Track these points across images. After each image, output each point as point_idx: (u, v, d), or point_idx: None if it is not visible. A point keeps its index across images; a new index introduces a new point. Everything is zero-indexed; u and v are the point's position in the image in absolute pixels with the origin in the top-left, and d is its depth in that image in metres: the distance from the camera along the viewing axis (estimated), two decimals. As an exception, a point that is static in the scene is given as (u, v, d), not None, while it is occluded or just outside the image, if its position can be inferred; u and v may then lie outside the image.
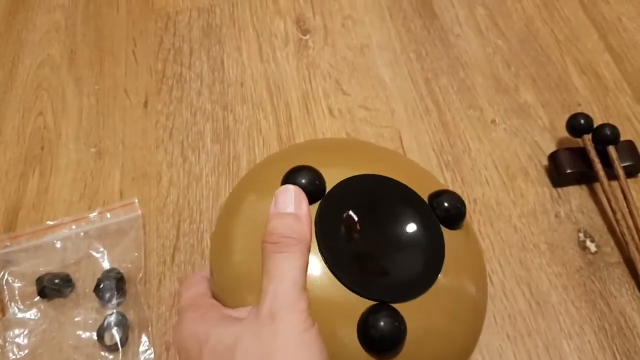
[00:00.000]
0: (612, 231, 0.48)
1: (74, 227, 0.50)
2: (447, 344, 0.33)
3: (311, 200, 0.32)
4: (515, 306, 0.45)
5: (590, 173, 0.49)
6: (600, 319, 0.44)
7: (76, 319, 0.45)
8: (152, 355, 0.44)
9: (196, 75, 0.61)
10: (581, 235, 0.48)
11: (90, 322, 0.45)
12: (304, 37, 0.63)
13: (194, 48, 0.63)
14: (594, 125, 0.50)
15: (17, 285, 0.47)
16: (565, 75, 0.58)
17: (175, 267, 0.48)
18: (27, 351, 0.44)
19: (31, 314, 0.46)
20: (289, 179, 0.33)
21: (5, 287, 0.47)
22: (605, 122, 0.51)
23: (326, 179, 0.34)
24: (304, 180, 0.33)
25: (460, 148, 0.54)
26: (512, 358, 0.43)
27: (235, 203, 0.36)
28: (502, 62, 0.59)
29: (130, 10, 0.67)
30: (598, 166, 0.48)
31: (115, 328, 0.44)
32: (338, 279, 0.31)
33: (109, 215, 0.50)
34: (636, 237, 0.46)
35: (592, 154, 0.49)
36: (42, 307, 0.46)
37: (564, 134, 0.53)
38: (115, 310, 0.45)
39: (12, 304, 0.46)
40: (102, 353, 0.44)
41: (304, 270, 0.29)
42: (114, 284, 0.46)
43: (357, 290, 0.31)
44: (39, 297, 0.46)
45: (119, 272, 0.47)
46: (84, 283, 0.47)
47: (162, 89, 0.60)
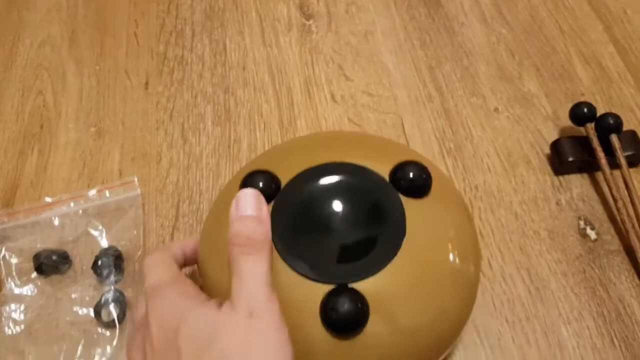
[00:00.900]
0: (612, 219, 0.48)
1: (72, 204, 0.49)
2: (415, 319, 0.33)
3: (268, 200, 0.35)
4: (514, 291, 0.45)
5: (592, 162, 0.49)
6: (599, 305, 0.44)
7: (73, 296, 0.45)
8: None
9: (198, 57, 0.60)
10: (581, 222, 0.48)
11: (87, 298, 0.45)
12: (308, 22, 0.62)
13: (196, 31, 0.63)
14: (597, 114, 0.50)
15: (14, 261, 0.46)
16: (569, 65, 0.58)
17: (174, 246, 0.48)
18: (23, 326, 0.44)
19: (28, 290, 0.45)
20: (247, 183, 0.36)
21: (2, 262, 0.46)
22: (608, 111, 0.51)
23: (283, 177, 0.36)
24: (260, 183, 0.35)
25: (462, 135, 0.53)
26: (511, 342, 0.43)
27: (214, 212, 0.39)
28: (506, 51, 0.59)
29: (133, -8, 0.66)
30: (600, 154, 0.48)
31: (113, 304, 0.44)
32: (294, 269, 0.32)
33: (108, 193, 0.50)
34: (637, 225, 0.46)
35: (595, 143, 0.49)
36: (39, 284, 0.46)
37: (566, 123, 0.53)
38: (113, 287, 0.45)
39: (9, 279, 0.45)
40: (99, 329, 0.44)
41: (270, 271, 0.30)
42: (112, 261, 0.45)
43: (314, 277, 0.32)
44: (36, 273, 0.46)
45: (117, 250, 0.46)
46: (82, 260, 0.47)
47: (163, 70, 0.59)
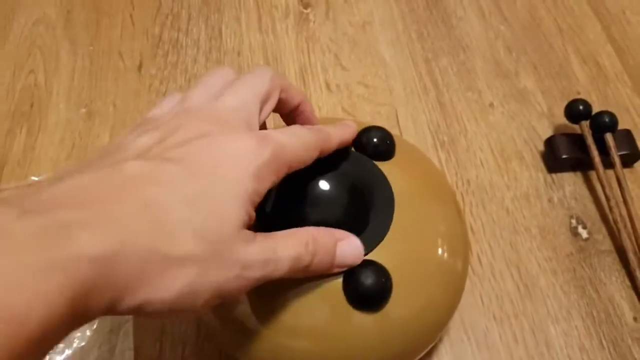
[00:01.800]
0: (604, 219, 0.48)
1: (59, 184, 0.48)
2: (428, 274, 0.33)
3: None
4: (503, 288, 0.44)
5: (586, 160, 0.49)
6: (589, 305, 0.44)
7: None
8: (130, 318, 0.43)
9: (193, 42, 0.60)
10: (573, 221, 0.48)
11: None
12: (305, 11, 0.62)
13: (192, 15, 0.62)
14: (593, 112, 0.50)
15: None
16: (567, 63, 0.57)
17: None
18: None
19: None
20: None
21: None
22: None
23: None
24: None
25: (456, 129, 0.53)
26: (498, 339, 0.42)
27: None
28: (504, 47, 0.59)
29: (129, -27, 0.66)
30: (594, 152, 0.48)
31: (95, 287, 0.43)
32: None
33: (95, 174, 0.49)
34: (629, 225, 0.46)
35: (589, 141, 0.48)
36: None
37: (561, 121, 0.52)
38: (96, 270, 0.44)
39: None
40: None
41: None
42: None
43: None
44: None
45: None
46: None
47: (158, 53, 0.59)
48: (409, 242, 0.32)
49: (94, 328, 0.42)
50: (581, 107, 0.49)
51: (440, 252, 0.33)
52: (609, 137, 0.48)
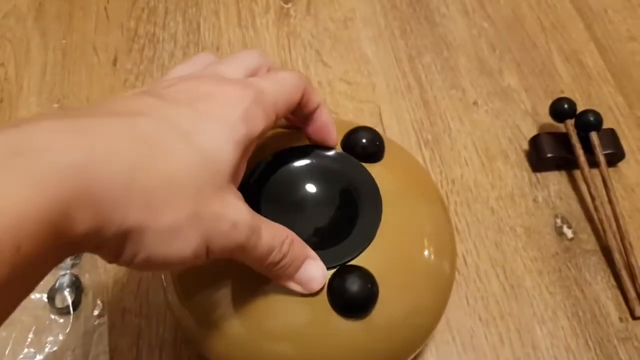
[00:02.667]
0: (589, 218, 0.47)
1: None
2: (415, 278, 0.32)
3: None
4: (489, 288, 0.44)
5: (571, 159, 0.48)
6: (574, 305, 0.43)
7: (26, 279, 0.42)
8: (105, 320, 0.41)
9: (170, 36, 0.58)
10: (558, 221, 0.47)
11: (40, 282, 0.42)
12: (286, 6, 0.60)
13: (169, 9, 0.60)
14: (578, 111, 0.49)
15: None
16: (550, 62, 0.57)
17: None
18: (-30, 310, 0.41)
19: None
20: None
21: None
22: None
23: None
24: None
25: (440, 127, 0.52)
26: (484, 340, 0.41)
27: None
28: (487, 44, 0.58)
29: (104, -35, 0.63)
30: (579, 151, 0.47)
31: (68, 290, 0.42)
32: None
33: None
34: (614, 225, 0.45)
35: (574, 139, 0.48)
36: (-11, 264, 0.43)
37: (545, 119, 0.52)
38: (68, 272, 0.42)
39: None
40: (52, 316, 0.41)
41: None
42: (69, 243, 0.43)
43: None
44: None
45: (76, 232, 0.44)
46: (37, 241, 0.44)
47: (133, 47, 0.57)
48: (396, 247, 0.31)
49: (67, 332, 0.41)
50: (566, 106, 0.49)
51: (428, 256, 0.32)
52: (594, 136, 0.48)
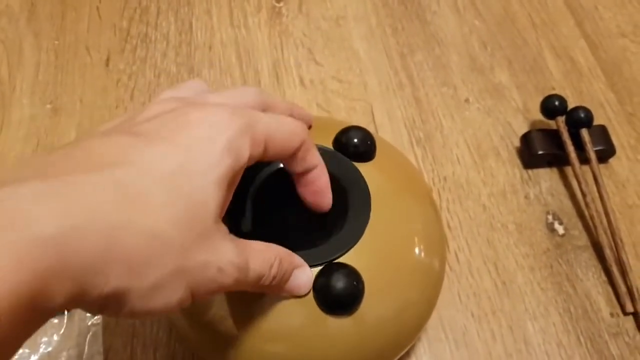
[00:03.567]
0: (580, 215, 0.47)
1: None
2: (403, 275, 0.32)
3: None
4: (480, 285, 0.44)
5: (562, 155, 0.49)
6: (566, 301, 0.43)
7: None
8: (99, 321, 0.41)
9: (162, 36, 0.58)
10: (550, 217, 0.47)
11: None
12: (278, 5, 0.61)
13: (161, 8, 0.60)
14: (568, 108, 0.49)
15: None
16: (541, 58, 0.57)
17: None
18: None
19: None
20: None
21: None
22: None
23: None
24: None
25: (432, 125, 0.52)
26: (476, 336, 0.42)
27: None
28: (479, 42, 0.58)
29: (96, -35, 0.63)
30: (570, 148, 0.48)
31: (62, 290, 0.42)
32: None
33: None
34: (605, 221, 0.46)
35: (565, 136, 0.48)
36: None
37: (537, 116, 0.52)
38: (63, 272, 0.42)
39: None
40: (47, 316, 0.41)
41: None
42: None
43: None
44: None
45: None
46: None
47: (126, 47, 0.57)
48: (385, 245, 0.32)
49: (62, 332, 0.41)
50: (557, 103, 0.49)
51: (417, 252, 0.33)
52: (584, 132, 0.48)
